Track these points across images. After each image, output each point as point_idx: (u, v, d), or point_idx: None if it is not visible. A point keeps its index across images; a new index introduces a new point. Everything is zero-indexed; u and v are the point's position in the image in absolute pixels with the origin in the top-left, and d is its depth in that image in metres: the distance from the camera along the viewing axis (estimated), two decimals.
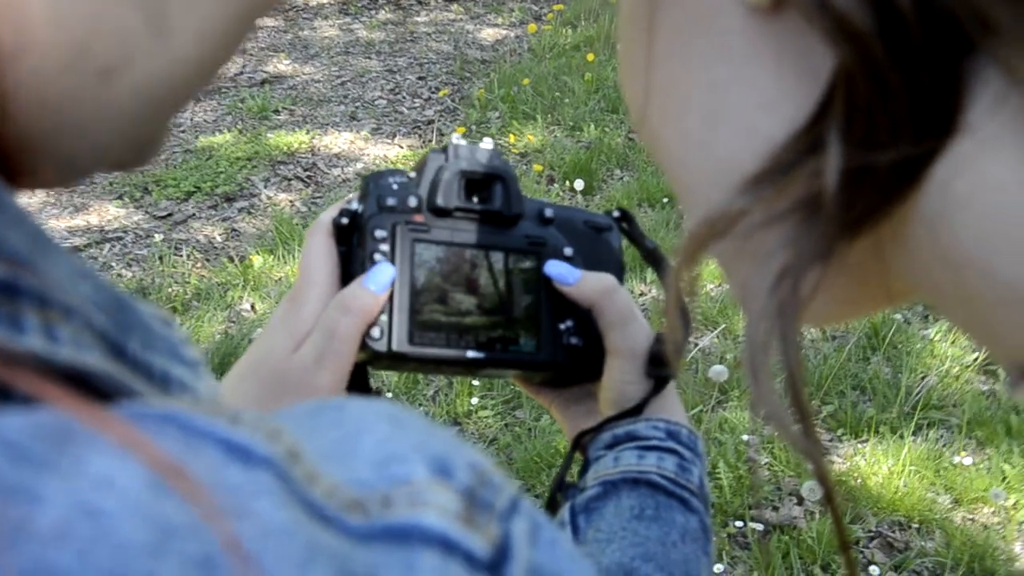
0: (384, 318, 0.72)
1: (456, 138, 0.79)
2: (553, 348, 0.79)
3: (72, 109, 0.29)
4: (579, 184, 4.18)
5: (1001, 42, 0.28)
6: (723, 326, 3.20)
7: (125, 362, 0.28)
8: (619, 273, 0.83)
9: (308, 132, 5.03)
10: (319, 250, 0.75)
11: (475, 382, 3.09)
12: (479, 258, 0.77)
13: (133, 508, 0.21)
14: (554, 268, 0.79)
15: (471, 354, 0.76)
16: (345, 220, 0.75)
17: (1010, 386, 0.34)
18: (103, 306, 0.28)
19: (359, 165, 4.72)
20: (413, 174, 0.78)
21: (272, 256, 3.89)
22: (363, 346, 0.72)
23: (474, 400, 3.05)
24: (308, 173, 4.66)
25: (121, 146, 0.32)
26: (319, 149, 4.89)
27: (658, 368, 0.77)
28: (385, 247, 0.74)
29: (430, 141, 4.86)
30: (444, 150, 0.79)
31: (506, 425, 2.97)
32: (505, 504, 0.28)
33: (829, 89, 0.31)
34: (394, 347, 0.72)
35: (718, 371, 2.74)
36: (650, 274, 3.46)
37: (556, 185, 4.27)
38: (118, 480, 0.21)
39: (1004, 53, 0.29)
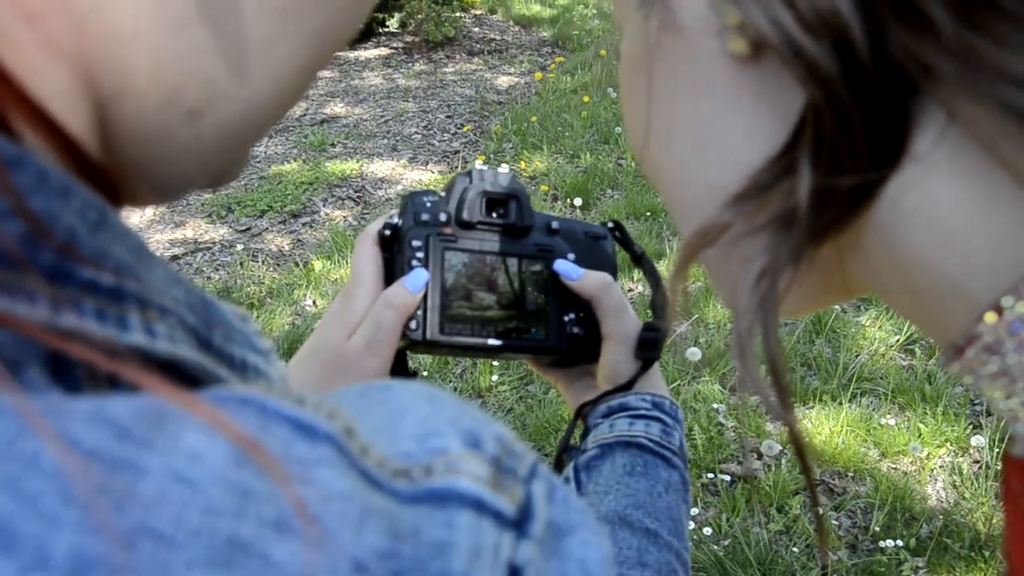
0: (420, 312, 0.71)
1: (479, 165, 0.79)
2: (559, 336, 0.78)
3: (164, 143, 0.29)
4: (578, 201, 4.16)
5: (941, 86, 0.28)
6: (696, 316, 3.17)
7: (211, 353, 0.28)
8: (613, 273, 0.81)
9: (358, 161, 5.00)
10: (367, 256, 0.73)
11: (495, 363, 3.06)
12: (498, 263, 0.76)
13: (218, 477, 0.20)
14: (561, 266, 0.78)
15: (492, 342, 0.74)
16: (388, 231, 0.74)
17: (944, 362, 0.33)
18: (192, 306, 0.27)
19: (399, 187, 4.70)
20: (443, 194, 0.77)
21: (329, 261, 3.87)
22: (403, 335, 0.71)
23: (494, 377, 3.03)
24: (358, 194, 4.64)
25: (206, 172, 0.32)
26: (367, 175, 4.86)
27: (645, 351, 0.76)
28: (420, 254, 0.72)
29: (456, 167, 4.82)
30: (469, 174, 0.77)
31: (520, 398, 2.95)
32: (526, 470, 0.27)
33: (800, 123, 0.30)
34: (428, 336, 0.71)
35: (693, 352, 2.72)
36: (637, 274, 3.45)
37: (559, 202, 4.25)
38: (205, 453, 0.20)
39: (944, 95, 0.28)
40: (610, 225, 0.85)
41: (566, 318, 0.78)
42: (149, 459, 0.19)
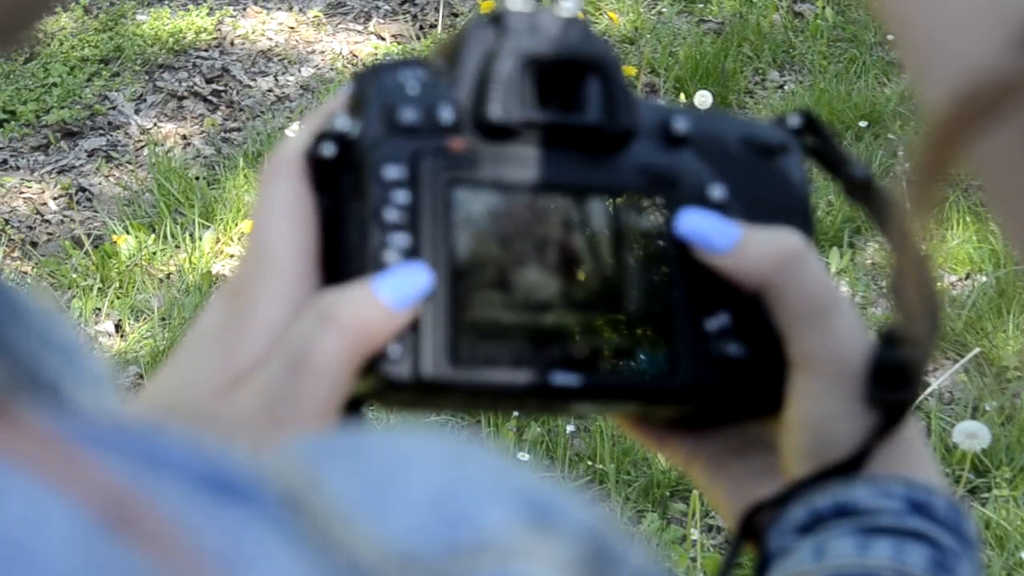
0: (406, 328, 0.42)
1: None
2: (696, 363, 0.45)
3: None
4: (704, 97, 2.19)
5: None
6: (977, 350, 1.66)
7: None
8: (806, 226, 0.47)
9: (212, 13, 2.71)
10: (285, 206, 0.41)
11: (537, 423, 1.66)
12: (565, 210, 0.45)
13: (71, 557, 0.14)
14: (692, 222, 0.44)
15: (559, 379, 0.43)
16: (330, 150, 0.42)
17: None
18: None
19: (304, 71, 2.60)
20: (440, 64, 0.47)
21: (152, 235, 2.12)
22: (369, 370, 0.40)
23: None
24: (214, 86, 2.59)
25: None
26: (232, 43, 2.69)
27: (889, 387, 0.44)
28: (404, 196, 0.42)
29: (432, 27, 2.66)
30: (495, 20, 0.46)
31: None
32: None
33: None
34: (424, 371, 0.41)
35: (969, 431, 1.44)
36: (852, 239, 1.90)
37: (662, 99, 2.37)
38: (49, 520, 0.14)
39: None
40: (796, 122, 0.51)
41: (711, 325, 0.46)
42: None
